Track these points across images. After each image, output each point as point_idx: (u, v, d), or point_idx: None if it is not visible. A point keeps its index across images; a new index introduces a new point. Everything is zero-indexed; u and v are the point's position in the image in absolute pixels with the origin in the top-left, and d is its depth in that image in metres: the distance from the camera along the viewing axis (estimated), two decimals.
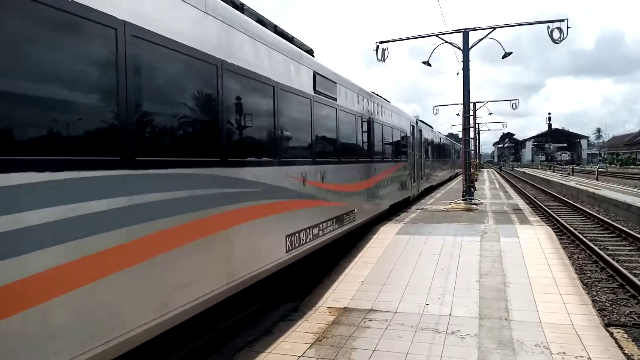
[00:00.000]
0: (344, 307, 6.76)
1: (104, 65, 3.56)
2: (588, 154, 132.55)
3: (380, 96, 14.12)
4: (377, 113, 12.73)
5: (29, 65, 2.97)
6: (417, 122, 19.92)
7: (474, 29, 17.74)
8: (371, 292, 7.31)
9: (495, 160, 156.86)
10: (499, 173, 67.28)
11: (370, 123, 11.87)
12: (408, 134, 17.33)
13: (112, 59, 3.59)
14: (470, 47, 17.84)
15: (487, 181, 38.18)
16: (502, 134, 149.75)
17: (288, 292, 7.81)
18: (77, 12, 3.27)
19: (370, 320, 6.22)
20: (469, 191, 18.37)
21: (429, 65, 19.67)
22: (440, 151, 31.21)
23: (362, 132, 11.25)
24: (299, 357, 5.14)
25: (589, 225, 16.83)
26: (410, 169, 17.38)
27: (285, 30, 7.56)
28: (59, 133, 3.24)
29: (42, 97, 3.10)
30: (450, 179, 38.25)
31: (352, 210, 9.95)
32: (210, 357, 5.45)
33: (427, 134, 23.57)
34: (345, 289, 7.53)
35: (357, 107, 10.82)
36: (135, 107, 3.80)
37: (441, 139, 32.48)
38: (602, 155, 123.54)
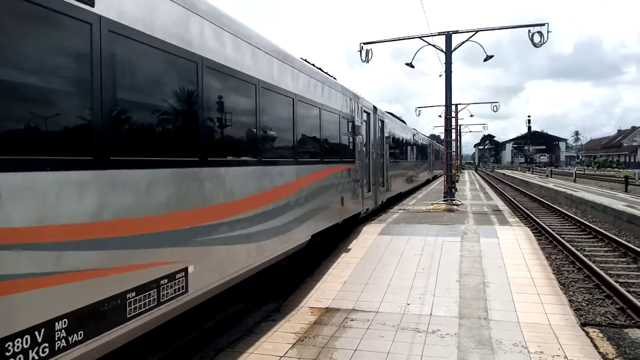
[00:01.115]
0: (326, 307, 6.79)
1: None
2: (566, 156, 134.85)
3: (309, 62, 9.42)
4: (293, 84, 7.71)
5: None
6: (374, 109, 14.56)
7: (457, 32, 17.94)
8: (353, 292, 7.36)
9: (476, 161, 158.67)
10: (478, 174, 68.06)
11: (271, 97, 6.80)
12: (358, 124, 12.00)
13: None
14: (452, 49, 18.04)
15: (468, 182, 38.61)
16: (482, 136, 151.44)
17: (270, 292, 7.81)
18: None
19: (352, 320, 6.26)
20: (450, 192, 18.58)
21: (412, 67, 19.82)
22: (414, 151, 26.33)
23: (252, 110, 6.24)
24: (281, 357, 5.15)
25: (566, 227, 17.15)
26: (361, 174, 12.15)
27: None
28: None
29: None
30: (428, 182, 34.98)
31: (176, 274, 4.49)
32: (192, 357, 5.43)
33: (393, 128, 18.41)
34: (328, 289, 7.56)
35: (237, 59, 5.80)
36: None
37: (415, 136, 27.26)
38: (580, 157, 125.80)
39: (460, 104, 46.43)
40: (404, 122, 23.64)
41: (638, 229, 14.77)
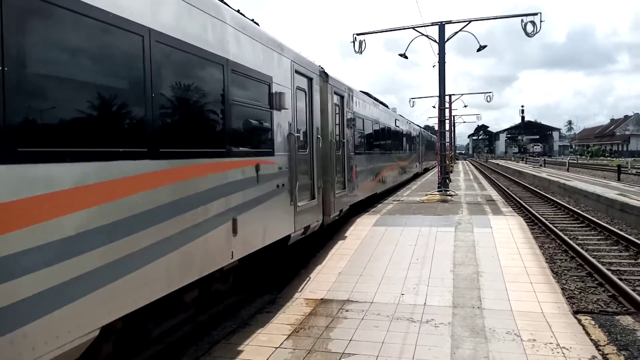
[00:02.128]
0: (321, 299, 6.82)
1: None
2: (559, 145, 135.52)
3: None
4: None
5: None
6: (323, 75, 10.10)
7: (450, 22, 17.88)
8: (348, 283, 7.39)
9: (470, 152, 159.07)
10: (472, 164, 68.32)
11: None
12: (281, 91, 7.32)
13: None
14: (446, 40, 17.99)
15: (462, 173, 38.75)
16: (476, 126, 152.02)
17: (265, 285, 7.83)
18: None
19: (347, 310, 6.29)
20: (444, 183, 18.62)
21: (406, 57, 19.77)
22: (397, 140, 21.73)
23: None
24: (276, 348, 5.17)
25: (559, 216, 17.26)
26: (291, 175, 7.75)
27: None
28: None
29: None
30: (417, 176, 30.45)
31: None
32: (187, 351, 5.44)
33: (362, 109, 13.97)
34: (323, 280, 7.58)
35: None
36: None
37: (399, 122, 22.24)
38: (573, 147, 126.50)
39: (453, 94, 46.33)
40: (378, 101, 18.36)
41: (630, 218, 14.89)
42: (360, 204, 13.74)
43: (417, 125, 33.83)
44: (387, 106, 20.16)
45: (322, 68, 10.13)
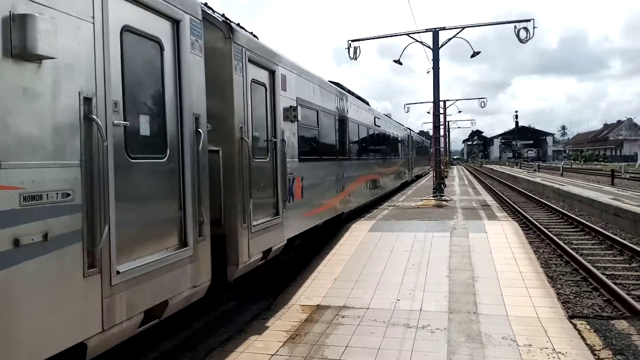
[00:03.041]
0: (317, 305, 6.80)
1: None
2: (553, 150, 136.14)
3: None
4: None
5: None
6: (219, 24, 6.24)
7: (444, 29, 18.02)
8: (344, 289, 7.37)
9: (465, 157, 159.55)
10: (466, 169, 68.57)
11: None
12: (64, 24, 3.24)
13: None
14: (440, 46, 18.12)
15: (457, 178, 38.86)
16: (471, 132, 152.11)
17: (261, 291, 7.81)
18: None
19: (343, 317, 6.27)
20: (439, 188, 18.68)
21: (400, 63, 19.88)
22: (375, 143, 17.67)
23: None
24: (272, 355, 5.15)
25: (554, 220, 17.33)
26: (87, 212, 3.43)
27: None
28: None
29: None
30: (405, 185, 26.70)
31: None
32: (183, 358, 5.42)
33: (314, 96, 9.98)
34: (318, 286, 7.57)
35: None
36: None
37: (378, 120, 18.26)
38: (567, 152, 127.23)
39: (448, 100, 46.75)
40: (365, 102, 16.29)
41: (624, 222, 14.97)
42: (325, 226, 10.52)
43: (408, 128, 30.61)
44: (366, 102, 16.77)
45: (224, 18, 6.52)
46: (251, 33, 7.27)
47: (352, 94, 14.41)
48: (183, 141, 4.75)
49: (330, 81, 12.03)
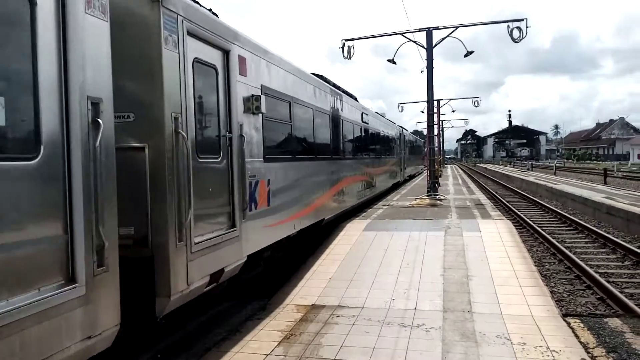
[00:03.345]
0: (312, 304, 6.79)
1: None
2: (546, 149, 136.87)
3: None
4: None
5: None
6: None
7: (438, 28, 18.06)
8: (339, 288, 7.37)
9: (459, 156, 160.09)
10: (460, 169, 68.81)
11: None
12: None
13: None
14: (433, 45, 18.16)
15: (451, 177, 38.97)
16: (464, 131, 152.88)
17: (255, 291, 7.79)
18: None
19: (337, 316, 6.27)
20: (433, 187, 18.74)
21: (394, 63, 19.91)
22: (361, 140, 16.06)
23: None
24: (267, 355, 5.14)
25: (547, 219, 17.41)
26: None
27: None
28: None
29: None
30: (397, 186, 25.72)
31: None
32: (177, 358, 5.39)
33: (285, 84, 8.54)
34: (313, 286, 7.56)
35: None
36: None
37: (366, 116, 16.77)
38: (560, 150, 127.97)
39: (442, 99, 46.93)
40: (353, 98, 15.19)
41: (617, 220, 15.06)
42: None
43: (400, 126, 29.41)
44: (354, 98, 15.45)
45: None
46: (210, 10, 6.00)
47: (338, 87, 13.34)
48: (69, 135, 3.46)
49: (313, 73, 10.98)
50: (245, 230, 6.37)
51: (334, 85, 13.02)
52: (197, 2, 5.76)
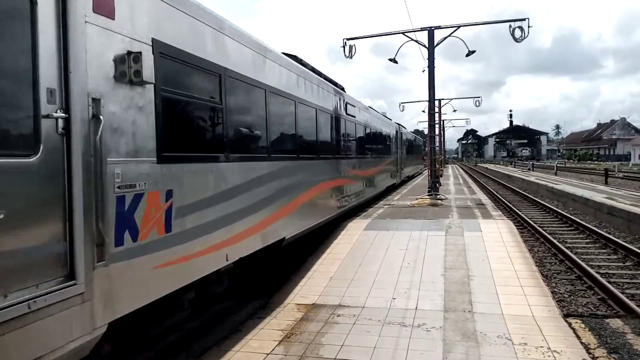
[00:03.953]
0: (313, 304, 6.79)
1: None
2: (547, 149, 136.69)
3: None
4: None
5: None
6: None
7: (439, 27, 18.03)
8: (339, 287, 7.36)
9: (460, 156, 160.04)
10: (461, 168, 68.77)
11: None
12: None
13: None
14: (435, 45, 18.14)
15: (452, 177, 38.94)
16: (465, 131, 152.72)
17: (256, 290, 7.79)
18: None
19: (338, 315, 6.26)
20: (434, 187, 18.72)
21: (396, 62, 19.88)
22: (346, 137, 13.77)
23: None
24: (268, 354, 5.13)
25: (548, 219, 17.38)
26: None
27: None
28: None
29: None
30: (393, 188, 23.41)
31: None
32: (178, 357, 5.39)
33: (203, 40, 5.58)
34: (314, 285, 7.55)
35: None
36: None
37: (350, 108, 14.22)
38: (561, 151, 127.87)
39: (443, 99, 46.83)
40: (340, 87, 13.42)
41: (618, 221, 15.04)
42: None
43: (397, 123, 26.91)
44: (342, 88, 13.59)
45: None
46: None
47: (318, 72, 11.27)
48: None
49: (284, 53, 8.94)
50: (107, 280, 3.87)
51: (312, 69, 10.82)
52: None
